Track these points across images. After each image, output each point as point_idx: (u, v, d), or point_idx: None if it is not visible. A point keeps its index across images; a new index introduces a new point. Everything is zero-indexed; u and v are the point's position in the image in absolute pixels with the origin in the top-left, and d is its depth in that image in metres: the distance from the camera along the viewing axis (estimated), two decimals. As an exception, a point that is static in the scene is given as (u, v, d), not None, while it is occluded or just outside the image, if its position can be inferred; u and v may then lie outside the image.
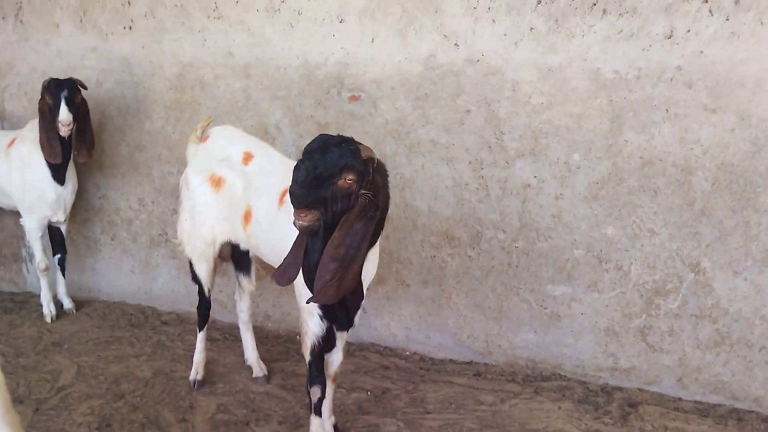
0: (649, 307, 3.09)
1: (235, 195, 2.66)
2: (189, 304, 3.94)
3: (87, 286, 4.16)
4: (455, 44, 3.02)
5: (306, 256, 2.16)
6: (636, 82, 2.83)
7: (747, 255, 2.88)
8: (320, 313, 2.33)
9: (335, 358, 2.54)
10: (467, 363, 3.46)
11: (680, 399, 3.15)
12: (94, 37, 3.65)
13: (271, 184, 2.53)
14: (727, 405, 3.09)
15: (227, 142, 2.78)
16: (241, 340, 3.57)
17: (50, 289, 3.81)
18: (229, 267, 3.07)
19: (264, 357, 3.35)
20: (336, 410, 2.84)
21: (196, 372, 3.05)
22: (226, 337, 3.69)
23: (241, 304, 3.12)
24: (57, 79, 3.34)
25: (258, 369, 3.15)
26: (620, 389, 3.21)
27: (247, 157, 2.68)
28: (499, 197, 3.16)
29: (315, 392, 2.44)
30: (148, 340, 3.56)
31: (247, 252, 2.97)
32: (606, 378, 3.25)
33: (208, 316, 3.03)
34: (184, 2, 3.42)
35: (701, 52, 2.71)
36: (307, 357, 2.41)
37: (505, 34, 2.93)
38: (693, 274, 2.98)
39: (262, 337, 3.65)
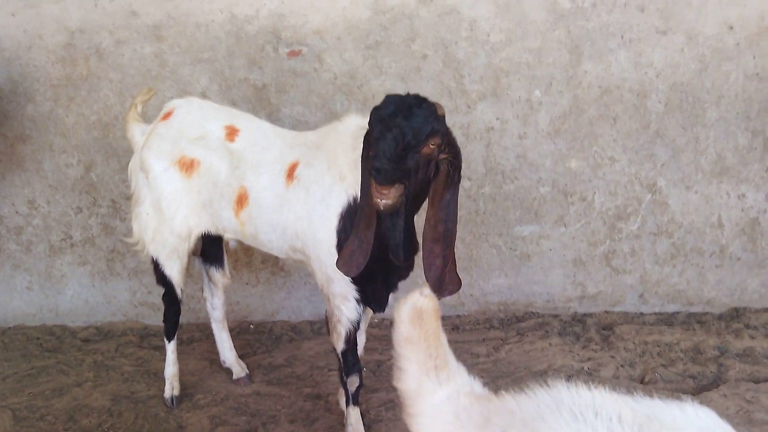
0: (612, 233, 3.41)
1: (216, 178, 2.42)
2: (108, 314, 3.59)
3: (-31, 316, 3.64)
4: (405, -17, 2.99)
5: (379, 238, 2.05)
6: (592, 10, 2.99)
7: (697, 169, 3.27)
8: (357, 296, 2.25)
9: (360, 341, 2.51)
10: (441, 318, 3.63)
11: (642, 313, 3.54)
12: (-65, 6, 3.05)
13: (271, 159, 2.35)
14: (683, 311, 3.55)
15: (200, 117, 2.50)
16: (195, 342, 3.42)
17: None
18: (193, 262, 2.87)
19: (208, 356, 3.20)
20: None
21: (172, 387, 2.77)
22: (163, 344, 3.46)
23: (214, 301, 2.89)
24: None
25: (239, 369, 2.96)
26: (590, 315, 3.54)
27: (232, 132, 2.42)
28: (462, 144, 3.22)
29: (353, 382, 2.37)
30: (80, 364, 3.19)
31: (219, 241, 2.76)
32: (575, 307, 3.56)
33: (178, 321, 2.81)
34: (63, -48, 2.97)
35: (651, -25, 2.97)
36: (342, 346, 2.32)
37: (459, -31, 2.97)
38: (650, 195, 3.33)
39: (209, 334, 3.50)
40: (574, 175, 3.25)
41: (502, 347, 3.19)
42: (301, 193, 2.27)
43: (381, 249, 2.08)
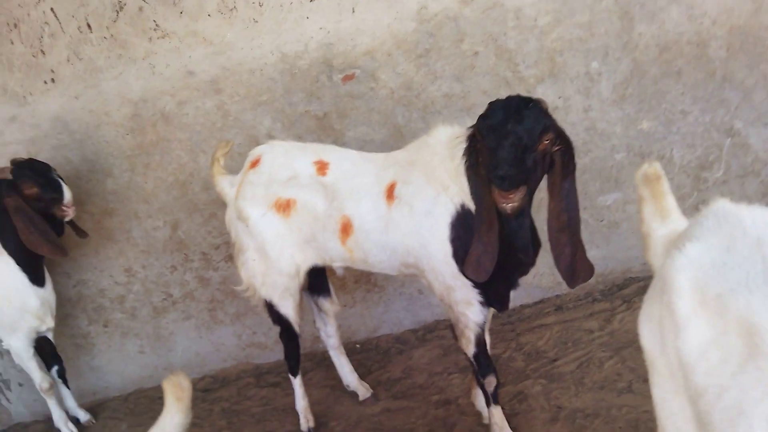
0: (698, 183, 3.48)
1: (315, 212, 2.60)
2: (219, 361, 3.89)
3: (91, 390, 3.93)
4: (444, -12, 3.12)
5: (505, 239, 2.18)
6: (636, -29, 3.11)
7: (772, 104, 3.35)
8: (480, 299, 2.38)
9: (487, 341, 2.62)
10: (539, 302, 3.72)
11: (742, 257, 3.67)
12: (7, 105, 3.33)
13: (367, 184, 2.51)
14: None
15: (287, 158, 2.68)
16: (309, 372, 3.62)
17: (60, 407, 3.60)
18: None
19: (327, 383, 3.45)
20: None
21: (307, 420, 3.00)
22: (280, 379, 3.71)
23: (328, 329, 3.11)
24: (26, 159, 3.08)
25: (364, 390, 3.17)
26: (690, 270, 3.68)
27: (322, 167, 2.60)
28: (529, 130, 3.39)
29: (491, 382, 2.52)
30: (210, 414, 3.47)
31: (323, 272, 2.96)
32: (672, 265, 3.68)
33: (299, 356, 2.99)
34: (114, 31, 3.18)
35: (690, -76, 3.03)
36: (473, 350, 2.47)
37: (495, -38, 3.08)
38: (729, 139, 3.39)
39: (319, 362, 3.72)
40: (647, 135, 3.34)
41: (613, 318, 3.32)
42: (404, 210, 2.42)
43: (504, 250, 2.22)
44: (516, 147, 1.95)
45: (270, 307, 2.87)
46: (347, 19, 3.13)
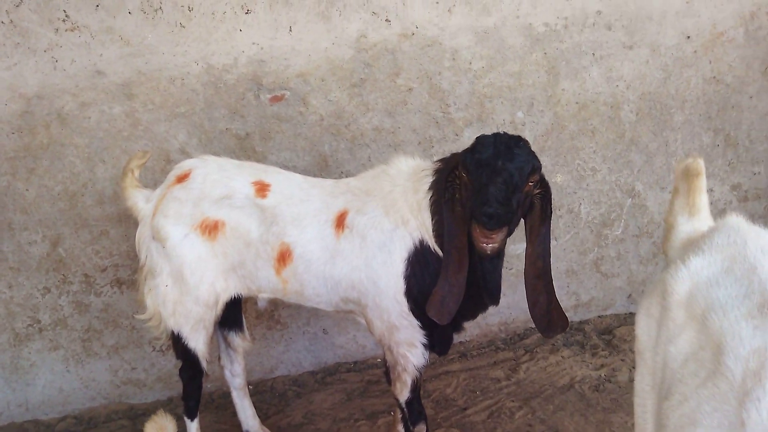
0: (599, 240, 3.84)
1: (248, 237, 2.51)
2: (87, 399, 3.58)
3: None
4: (386, 20, 3.19)
5: (475, 281, 2.23)
6: (564, 31, 3.38)
7: (669, 170, 3.76)
8: (425, 341, 2.41)
9: None
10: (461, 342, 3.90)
11: (632, 313, 4.05)
12: None
13: (313, 211, 2.46)
14: (669, 304, 4.12)
15: (223, 176, 2.57)
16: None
17: None
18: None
19: (219, 426, 3.32)
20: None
21: (199, 469, 2.91)
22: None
23: (234, 368, 2.99)
24: None
25: None
26: (586, 322, 3.97)
27: (262, 188, 2.51)
28: (452, 171, 3.57)
29: (421, 430, 2.55)
30: (76, 462, 3.22)
31: (238, 304, 2.86)
32: (571, 316, 3.96)
33: (200, 396, 2.89)
34: (15, 16, 2.92)
35: (615, -5, 3.42)
36: (407, 395, 2.49)
37: (437, 2, 3.19)
38: (630, 199, 3.80)
39: (206, 403, 3.56)
40: (560, 188, 3.65)
41: (518, 368, 3.53)
42: (355, 241, 2.40)
43: (471, 291, 2.28)
44: (507, 185, 2.00)
45: (177, 340, 2.72)
46: (283, 37, 3.15)
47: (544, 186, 2.22)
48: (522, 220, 2.29)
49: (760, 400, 1.04)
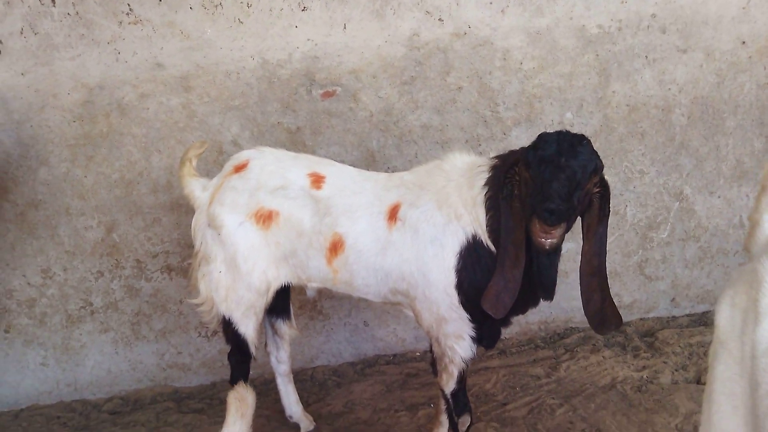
0: (644, 242, 3.95)
1: (300, 227, 2.64)
2: (133, 381, 3.81)
3: (-26, 402, 3.73)
4: (439, 19, 3.35)
5: (531, 276, 2.34)
6: (618, 33, 3.49)
7: (719, 175, 3.86)
8: (473, 335, 2.54)
9: None
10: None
11: (674, 317, 4.14)
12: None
13: (366, 203, 2.58)
14: (713, 310, 4.19)
15: (279, 167, 2.71)
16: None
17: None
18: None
19: (262, 412, 3.47)
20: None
21: (249, 452, 3.11)
22: (204, 405, 3.72)
23: (280, 354, 3.15)
24: None
25: (307, 422, 3.25)
26: (627, 324, 4.07)
27: (317, 180, 2.65)
28: (498, 170, 3.71)
29: (465, 421, 2.70)
30: (124, 441, 3.44)
31: (287, 292, 3.02)
32: (612, 318, 4.12)
33: (248, 380, 3.05)
34: (81, 8, 3.14)
35: (670, -2, 3.51)
36: (453, 387, 2.63)
37: (491, 2, 3.33)
38: (678, 203, 3.90)
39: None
40: (607, 191, 3.76)
41: (559, 366, 3.66)
42: (407, 234, 2.53)
43: (525, 286, 2.39)
44: (570, 181, 2.10)
45: (228, 325, 2.87)
46: (337, 34, 3.31)
47: (603, 185, 2.29)
48: (579, 218, 2.38)
49: None
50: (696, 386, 3.41)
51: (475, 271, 2.47)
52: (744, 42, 3.57)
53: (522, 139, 3.58)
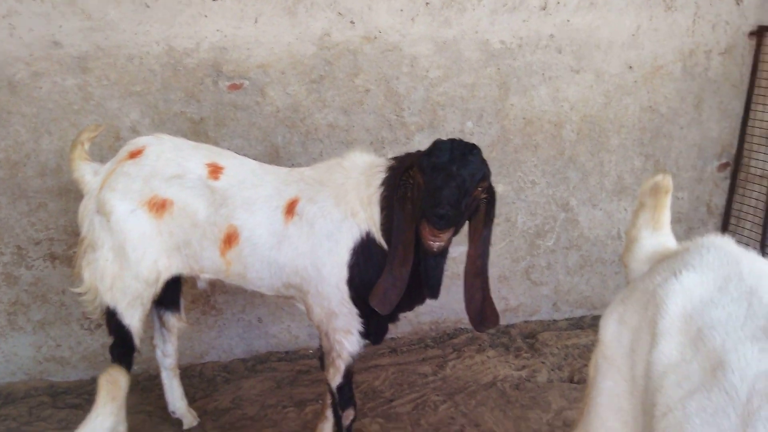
0: (532, 249, 4.28)
1: (196, 218, 2.67)
2: (6, 374, 3.68)
3: None
4: (351, 21, 3.47)
5: (418, 275, 2.47)
6: (518, 50, 3.77)
7: (602, 189, 4.25)
8: (361, 329, 2.66)
9: None
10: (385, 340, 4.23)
11: (555, 320, 4.52)
12: None
13: (264, 196, 2.64)
14: (589, 315, 4.59)
15: (177, 155, 2.71)
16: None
17: None
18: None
19: (143, 408, 3.46)
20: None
21: (127, 449, 3.09)
22: (81, 401, 3.65)
23: (167, 348, 3.14)
24: None
25: (191, 418, 3.27)
26: (512, 326, 4.40)
27: (215, 170, 2.67)
28: (399, 173, 3.89)
29: (349, 414, 2.81)
30: (-8, 437, 3.33)
31: (178, 284, 3.02)
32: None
33: (130, 374, 3.04)
34: (-28, -24, 3.01)
35: (568, 20, 3.76)
36: (339, 380, 2.73)
37: (402, 10, 3.50)
38: (564, 213, 4.24)
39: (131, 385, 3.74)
40: (500, 198, 3.99)
41: (445, 365, 3.90)
42: (304, 228, 2.62)
43: (412, 285, 2.53)
44: (459, 189, 2.26)
45: (112, 315, 2.83)
46: (247, 27, 3.36)
47: (490, 192, 2.46)
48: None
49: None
50: (569, 384, 3.76)
51: (366, 267, 2.60)
52: (631, 67, 3.95)
53: (425, 144, 3.71)
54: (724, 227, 4.49)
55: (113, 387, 1.63)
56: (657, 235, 1.82)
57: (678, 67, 4.03)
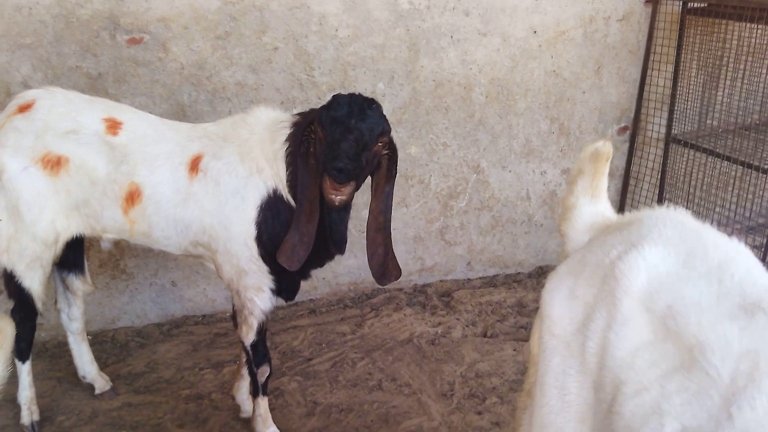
0: (446, 210, 3.91)
1: (93, 175, 2.32)
2: None
3: None
4: (256, -25, 3.04)
5: (323, 231, 2.22)
6: (427, 11, 3.37)
7: (511, 151, 3.91)
8: (272, 287, 2.36)
9: None
10: (293, 305, 3.77)
11: (470, 279, 4.17)
12: None
13: (167, 152, 2.32)
14: (502, 273, 4.26)
15: (71, 109, 2.33)
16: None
17: None
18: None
19: (52, 374, 3.05)
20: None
21: (30, 413, 2.59)
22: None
23: (72, 311, 2.75)
24: None
25: (103, 382, 2.86)
26: (429, 285, 4.04)
27: (113, 125, 2.32)
28: (312, 134, 3.45)
29: (264, 371, 2.48)
30: None
31: (81, 245, 2.63)
32: (416, 279, 4.02)
33: (33, 338, 2.59)
34: None
35: (474, -18, 3.44)
36: (253, 338, 2.42)
37: (308, -35, 3.10)
38: (475, 175, 3.89)
39: (37, 351, 3.23)
40: (413, 159, 3.65)
41: (363, 323, 3.52)
42: (209, 186, 2.30)
43: (319, 241, 2.25)
44: (357, 143, 2.02)
45: (10, 278, 2.48)
46: (146, -22, 2.87)
47: (392, 148, 2.25)
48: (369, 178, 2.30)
49: (754, 398, 1.03)
50: (482, 339, 3.45)
51: (274, 224, 2.32)
52: (535, 31, 3.62)
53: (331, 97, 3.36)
54: (624, 188, 4.22)
55: None
56: (595, 203, 1.60)
57: (579, 33, 3.72)
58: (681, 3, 3.73)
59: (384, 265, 2.30)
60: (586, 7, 3.68)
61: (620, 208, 4.26)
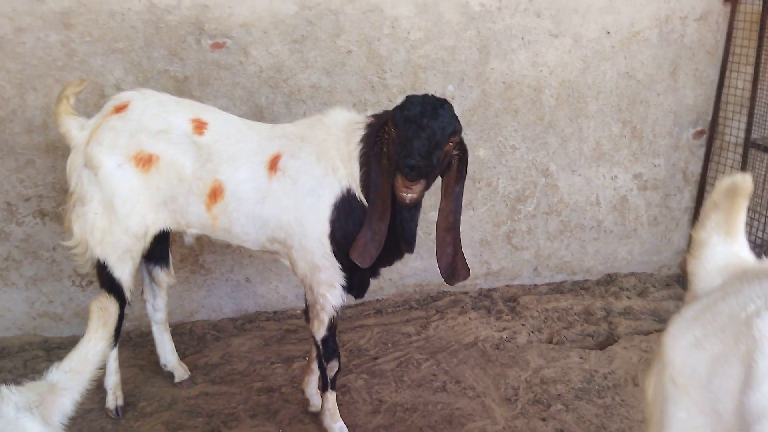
0: (513, 214, 3.90)
1: (181, 173, 2.45)
2: (1, 329, 3.38)
3: None
4: (331, -19, 3.16)
5: (394, 229, 2.27)
6: (498, 13, 3.40)
7: (581, 155, 3.87)
8: (344, 284, 2.41)
9: None
10: (360, 304, 3.85)
11: (536, 285, 4.14)
12: None
13: (248, 151, 2.42)
14: (569, 280, 4.21)
15: (162, 110, 2.47)
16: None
17: None
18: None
19: (135, 362, 3.20)
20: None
21: (115, 397, 2.73)
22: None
23: (157, 302, 2.88)
24: None
25: (182, 371, 2.99)
26: (494, 290, 4.03)
27: (200, 126, 2.44)
28: (382, 136, 3.53)
29: (333, 366, 2.54)
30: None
31: (166, 239, 2.77)
32: (481, 283, 4.03)
33: (121, 326, 2.76)
34: (-50, -74, 2.69)
35: (546, -16, 3.45)
36: (324, 333, 2.47)
37: (382, -30, 3.20)
38: (544, 179, 3.87)
39: (123, 340, 3.41)
40: (481, 162, 3.67)
41: (428, 325, 3.54)
42: (287, 184, 2.38)
43: (390, 239, 2.30)
44: (429, 141, 2.06)
45: (102, 269, 2.61)
46: (229, -15, 3.02)
47: (462, 148, 2.27)
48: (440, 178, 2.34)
49: None
50: (547, 345, 3.41)
51: (347, 222, 2.38)
52: (608, 32, 3.58)
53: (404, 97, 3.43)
54: (700, 195, 4.10)
55: (104, 313, 1.52)
56: (729, 243, 1.50)
57: (654, 33, 3.66)
58: (762, 2, 3.62)
59: (453, 264, 2.32)
60: (661, 6, 3.62)
61: (695, 215, 4.14)
